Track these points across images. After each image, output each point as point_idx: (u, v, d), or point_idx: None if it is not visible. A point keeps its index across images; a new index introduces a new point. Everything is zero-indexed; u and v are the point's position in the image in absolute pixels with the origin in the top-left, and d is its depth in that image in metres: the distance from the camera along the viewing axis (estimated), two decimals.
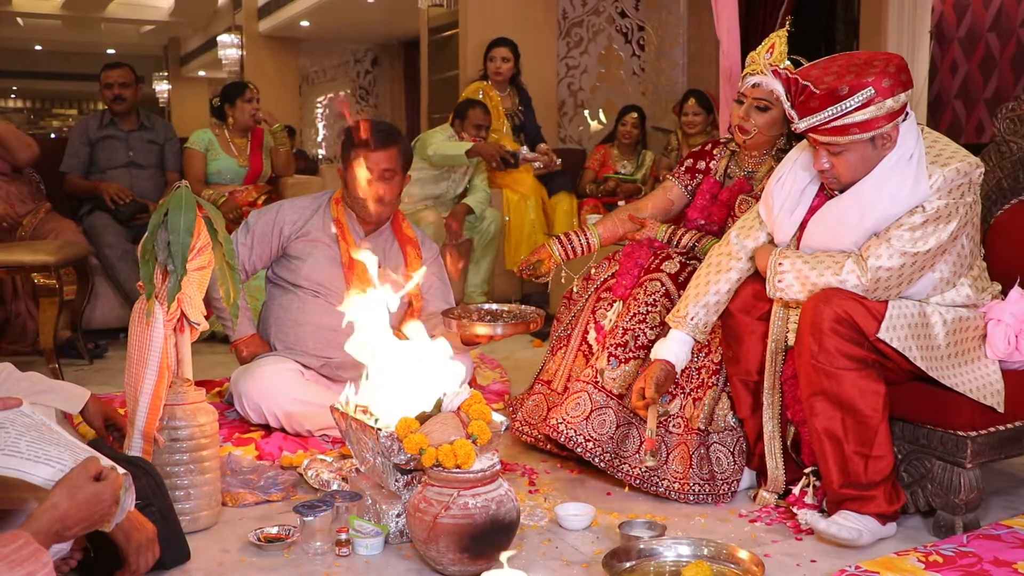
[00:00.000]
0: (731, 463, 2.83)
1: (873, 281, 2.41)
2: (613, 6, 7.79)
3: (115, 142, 5.16)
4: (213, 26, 16.19)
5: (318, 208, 3.47)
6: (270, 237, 3.44)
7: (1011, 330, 2.51)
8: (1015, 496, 2.82)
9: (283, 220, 3.44)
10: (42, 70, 21.53)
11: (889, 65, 2.35)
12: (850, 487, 2.43)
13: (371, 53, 14.59)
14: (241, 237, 3.42)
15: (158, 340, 2.40)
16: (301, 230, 3.43)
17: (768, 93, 3.00)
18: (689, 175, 3.34)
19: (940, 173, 2.39)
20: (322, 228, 3.43)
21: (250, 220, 3.48)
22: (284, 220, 3.44)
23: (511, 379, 4.18)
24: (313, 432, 3.24)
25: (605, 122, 7.72)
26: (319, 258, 3.40)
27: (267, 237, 3.44)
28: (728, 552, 2.23)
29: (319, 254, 3.41)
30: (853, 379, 2.41)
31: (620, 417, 2.86)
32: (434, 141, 5.44)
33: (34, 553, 1.58)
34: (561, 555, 2.38)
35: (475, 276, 5.64)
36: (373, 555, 2.34)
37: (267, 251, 3.46)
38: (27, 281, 4.47)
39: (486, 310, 3.14)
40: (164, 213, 2.40)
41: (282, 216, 3.45)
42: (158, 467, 2.33)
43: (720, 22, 4.44)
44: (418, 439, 2.25)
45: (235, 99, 5.31)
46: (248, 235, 3.43)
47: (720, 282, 2.73)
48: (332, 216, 3.42)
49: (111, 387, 3.97)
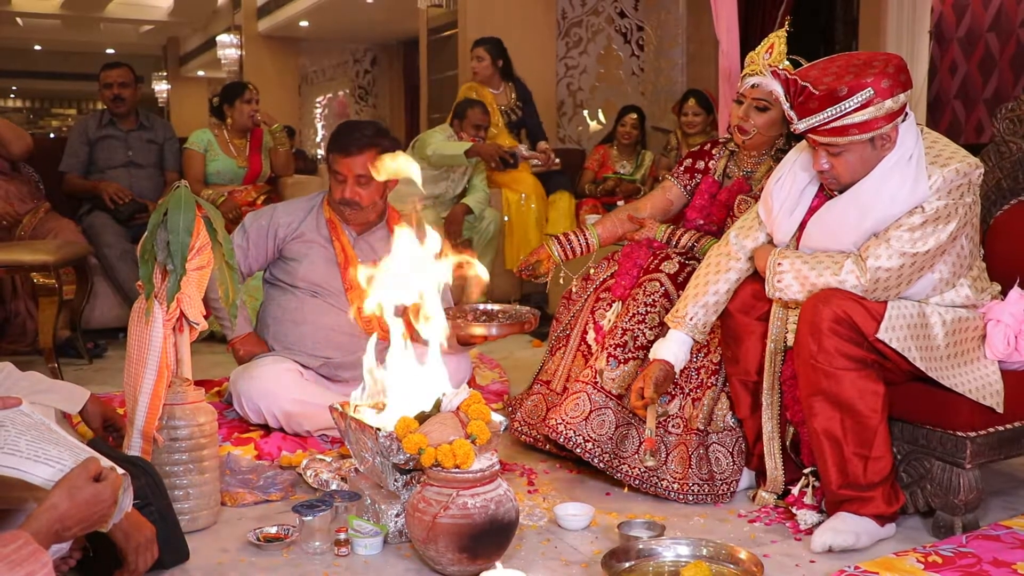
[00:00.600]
0: (730, 463, 2.83)
1: (872, 281, 2.41)
2: (612, 6, 7.79)
3: (114, 141, 5.16)
4: (212, 26, 16.20)
5: (311, 209, 3.49)
6: (265, 240, 3.45)
7: (1010, 331, 2.51)
8: (1014, 497, 2.82)
9: (277, 222, 3.45)
10: (41, 70, 21.53)
11: (888, 66, 2.35)
12: (848, 488, 2.43)
13: (370, 53, 14.59)
14: (237, 240, 3.42)
15: (157, 340, 2.40)
16: (296, 232, 3.44)
17: (767, 94, 3.00)
18: (688, 175, 3.34)
19: (940, 173, 2.39)
20: (316, 229, 3.45)
21: (246, 222, 3.49)
22: (278, 223, 3.45)
23: (510, 379, 4.18)
24: (312, 432, 3.24)
25: (604, 122, 7.72)
26: (315, 259, 3.42)
27: (262, 240, 3.45)
28: (727, 552, 2.23)
29: (315, 255, 3.42)
30: (852, 379, 2.40)
31: (619, 417, 2.85)
32: (433, 141, 5.44)
33: (33, 553, 1.58)
34: (560, 555, 2.38)
35: None
36: (372, 555, 2.34)
37: (263, 253, 3.47)
38: (26, 281, 4.47)
39: (482, 310, 3.15)
40: (163, 213, 2.40)
41: (276, 219, 3.46)
42: (157, 467, 2.33)
43: (719, 22, 4.44)
44: (417, 439, 2.25)
45: (234, 100, 5.31)
46: (244, 238, 3.44)
47: (719, 282, 2.73)
48: (325, 217, 3.44)
49: (110, 387, 3.97)
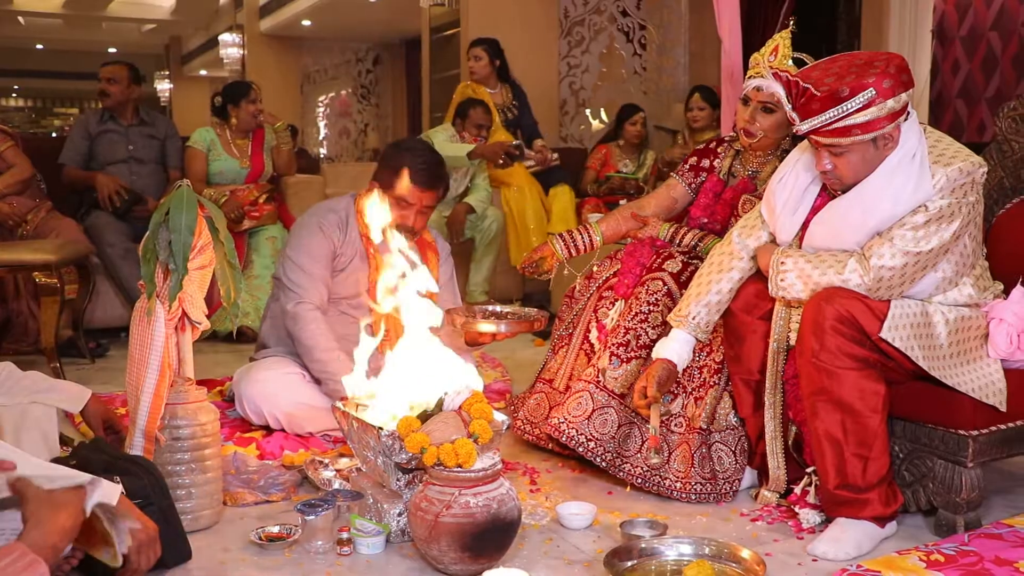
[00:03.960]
0: (733, 462, 2.83)
1: (875, 280, 2.41)
2: (614, 5, 7.79)
3: (115, 136, 5.17)
4: (214, 25, 16.19)
5: (346, 220, 3.30)
6: (326, 248, 3.23)
7: (1013, 329, 2.51)
8: (1017, 495, 2.82)
9: (329, 234, 3.23)
10: (43, 69, 21.52)
11: (890, 65, 2.34)
12: (845, 489, 2.42)
13: (373, 52, 14.58)
14: (295, 267, 3.18)
15: (159, 339, 2.40)
16: (343, 244, 3.26)
17: (773, 95, 2.98)
18: (693, 173, 3.33)
19: (943, 172, 2.39)
20: (351, 244, 3.28)
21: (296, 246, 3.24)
22: (330, 236, 3.23)
23: (512, 378, 4.18)
24: (314, 433, 3.25)
25: (607, 121, 7.71)
26: (348, 274, 3.28)
27: (327, 250, 3.23)
28: (730, 551, 2.23)
29: (350, 269, 3.28)
30: (854, 379, 2.40)
31: (622, 417, 2.85)
32: (436, 141, 5.42)
33: (31, 564, 1.58)
34: (563, 554, 2.38)
35: (477, 275, 5.64)
36: (374, 554, 2.34)
37: (327, 266, 3.23)
38: (28, 280, 4.47)
39: (490, 311, 3.14)
40: (166, 212, 2.40)
41: (326, 229, 3.24)
42: (159, 466, 2.34)
43: (722, 21, 4.43)
44: (419, 438, 2.25)
45: (239, 100, 5.28)
46: (303, 258, 3.19)
47: (722, 281, 2.72)
48: (360, 232, 3.28)
49: (112, 386, 3.97)
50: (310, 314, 3.17)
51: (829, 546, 2.37)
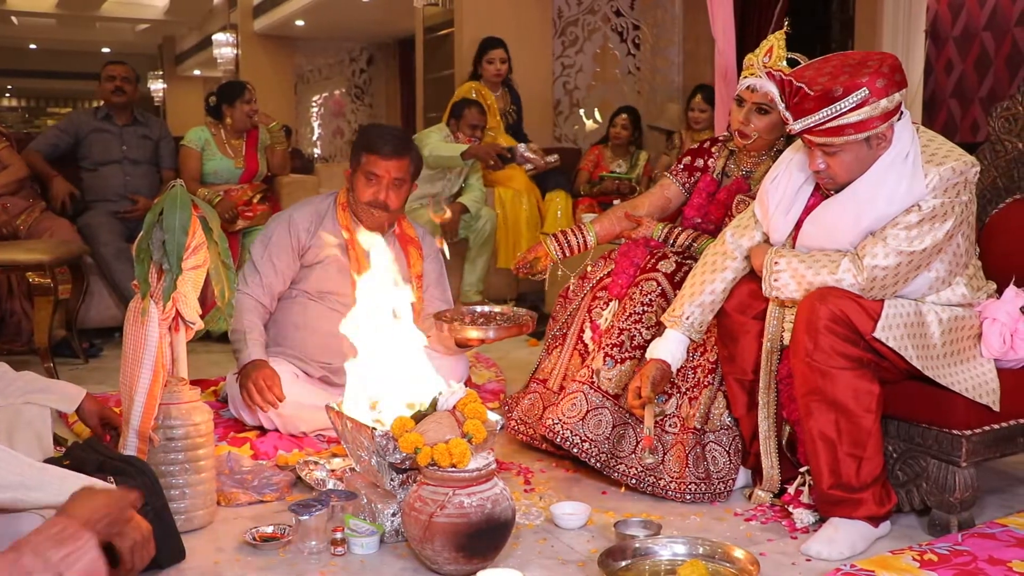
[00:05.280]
0: (727, 462, 2.83)
1: (869, 280, 2.42)
2: (608, 5, 7.79)
3: (108, 136, 5.15)
4: (208, 25, 16.16)
5: (325, 213, 3.37)
6: (288, 241, 3.34)
7: (1006, 329, 2.52)
8: (1010, 494, 2.83)
9: (297, 227, 3.34)
10: (37, 69, 21.46)
11: (883, 65, 2.35)
12: (839, 489, 2.42)
13: (366, 52, 14.57)
14: (258, 253, 3.34)
15: (153, 339, 2.39)
16: (313, 237, 3.34)
17: (767, 96, 2.98)
18: (687, 173, 3.33)
19: (936, 172, 2.39)
20: (332, 234, 3.33)
21: (263, 236, 3.39)
22: (299, 228, 3.34)
23: (507, 378, 4.18)
24: (308, 432, 3.24)
25: (601, 121, 7.71)
26: (329, 267, 3.34)
27: (286, 244, 3.33)
28: (724, 551, 2.24)
29: (329, 263, 3.34)
30: (848, 379, 2.40)
31: (616, 417, 2.86)
32: (430, 142, 5.44)
33: (76, 532, 1.61)
34: (557, 554, 2.38)
35: (471, 275, 5.64)
36: (369, 554, 2.34)
37: (289, 260, 3.35)
38: (22, 280, 4.47)
39: (479, 312, 3.13)
40: (159, 212, 2.40)
41: (295, 223, 3.35)
42: (153, 466, 2.33)
43: (715, 21, 4.44)
44: (413, 438, 2.25)
45: (234, 100, 5.25)
46: (266, 249, 3.34)
47: (715, 281, 2.73)
48: (340, 224, 3.34)
49: (106, 386, 3.97)
50: (245, 301, 3.31)
51: (823, 546, 2.38)
